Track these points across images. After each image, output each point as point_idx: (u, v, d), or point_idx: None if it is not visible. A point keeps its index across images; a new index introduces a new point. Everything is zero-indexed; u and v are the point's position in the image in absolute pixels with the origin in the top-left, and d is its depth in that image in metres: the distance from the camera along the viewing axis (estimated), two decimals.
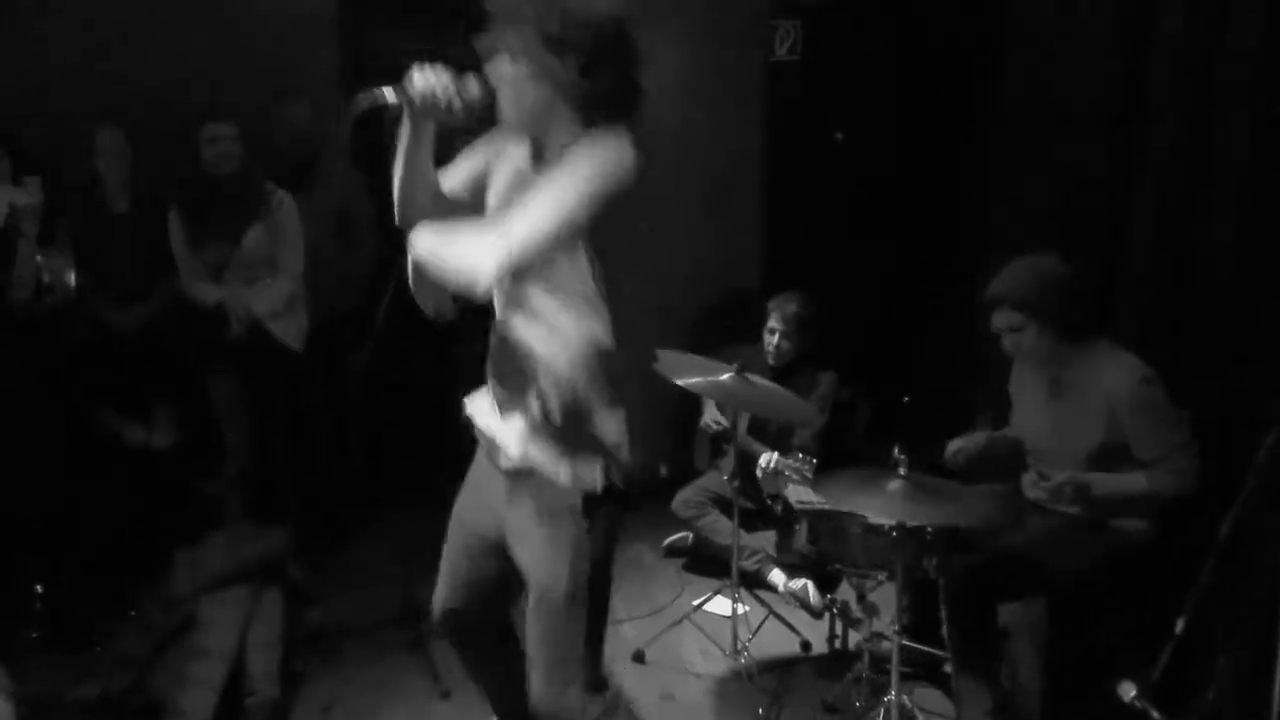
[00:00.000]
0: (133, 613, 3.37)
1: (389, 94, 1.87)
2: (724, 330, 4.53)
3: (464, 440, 5.33)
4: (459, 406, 2.27)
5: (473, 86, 1.87)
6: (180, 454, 3.88)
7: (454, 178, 2.10)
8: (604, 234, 1.91)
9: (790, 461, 3.16)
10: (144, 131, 3.85)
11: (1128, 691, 2.41)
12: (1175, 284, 2.95)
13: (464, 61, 1.94)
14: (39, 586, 3.36)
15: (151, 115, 3.89)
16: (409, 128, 1.95)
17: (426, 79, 1.87)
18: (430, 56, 1.94)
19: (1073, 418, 2.75)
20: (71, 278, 3.54)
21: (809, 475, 3.06)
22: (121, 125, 3.79)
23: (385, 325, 3.47)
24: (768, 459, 3.38)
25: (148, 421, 3.87)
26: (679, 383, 3.11)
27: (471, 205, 2.09)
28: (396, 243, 4.12)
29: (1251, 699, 2.49)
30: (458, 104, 1.87)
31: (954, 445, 2.97)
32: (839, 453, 3.62)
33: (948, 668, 3.01)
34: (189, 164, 3.68)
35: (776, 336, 3.78)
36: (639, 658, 3.37)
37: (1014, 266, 2.77)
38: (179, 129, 3.67)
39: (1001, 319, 2.76)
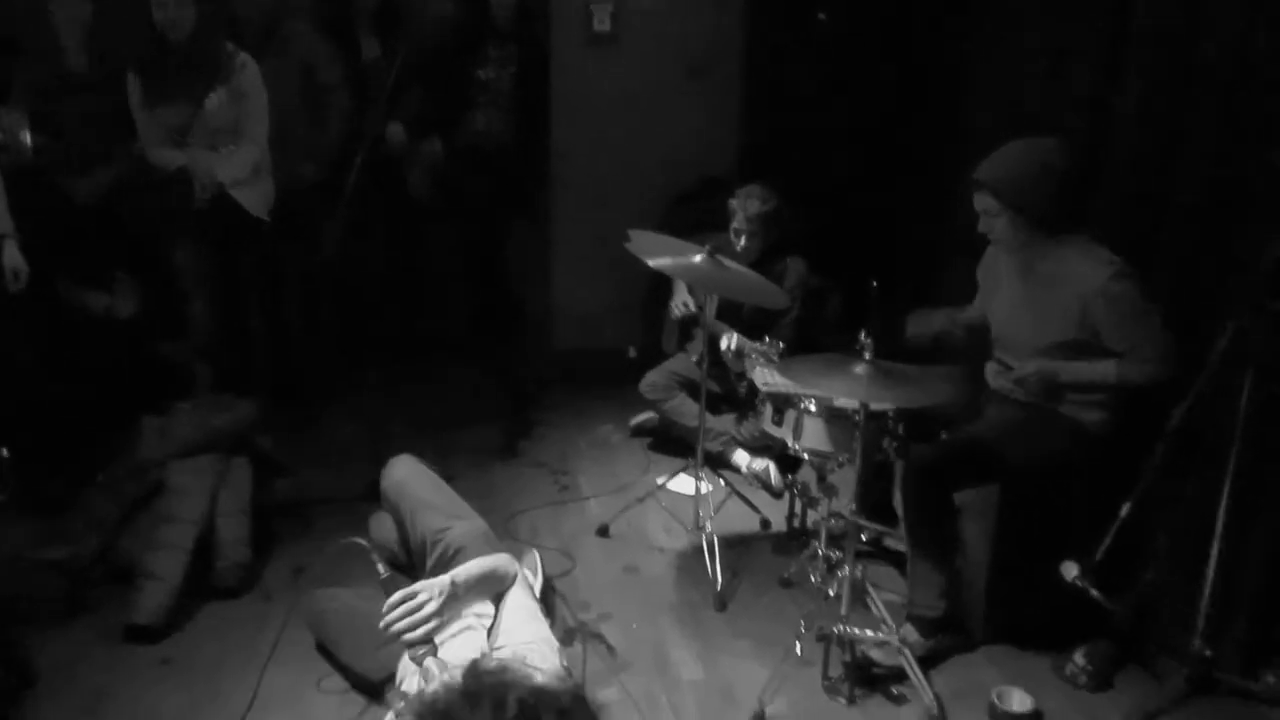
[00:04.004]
0: (101, 477, 3.38)
1: None
2: (698, 214, 4.49)
3: (431, 314, 5.31)
4: (426, 280, 2.27)
5: None
6: (144, 323, 3.84)
7: None
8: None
9: (755, 344, 3.18)
10: None
11: (1070, 571, 2.52)
12: (1158, 170, 2.93)
13: None
14: (5, 450, 3.36)
15: None
16: None
17: None
18: None
19: (1044, 310, 2.76)
20: (27, 137, 3.43)
21: (775, 358, 3.09)
22: None
23: (354, 197, 3.42)
24: (729, 339, 3.41)
25: (110, 290, 3.81)
26: (651, 263, 3.09)
27: None
28: (364, 110, 4.05)
29: (1186, 579, 2.61)
30: None
31: (913, 322, 3.00)
32: (810, 340, 3.65)
33: (901, 546, 3.12)
34: (147, 22, 3.53)
35: (743, 238, 3.74)
36: (603, 532, 3.46)
37: (1004, 151, 2.72)
38: None
39: (980, 202, 2.74)
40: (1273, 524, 2.55)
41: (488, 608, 2.25)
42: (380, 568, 2.06)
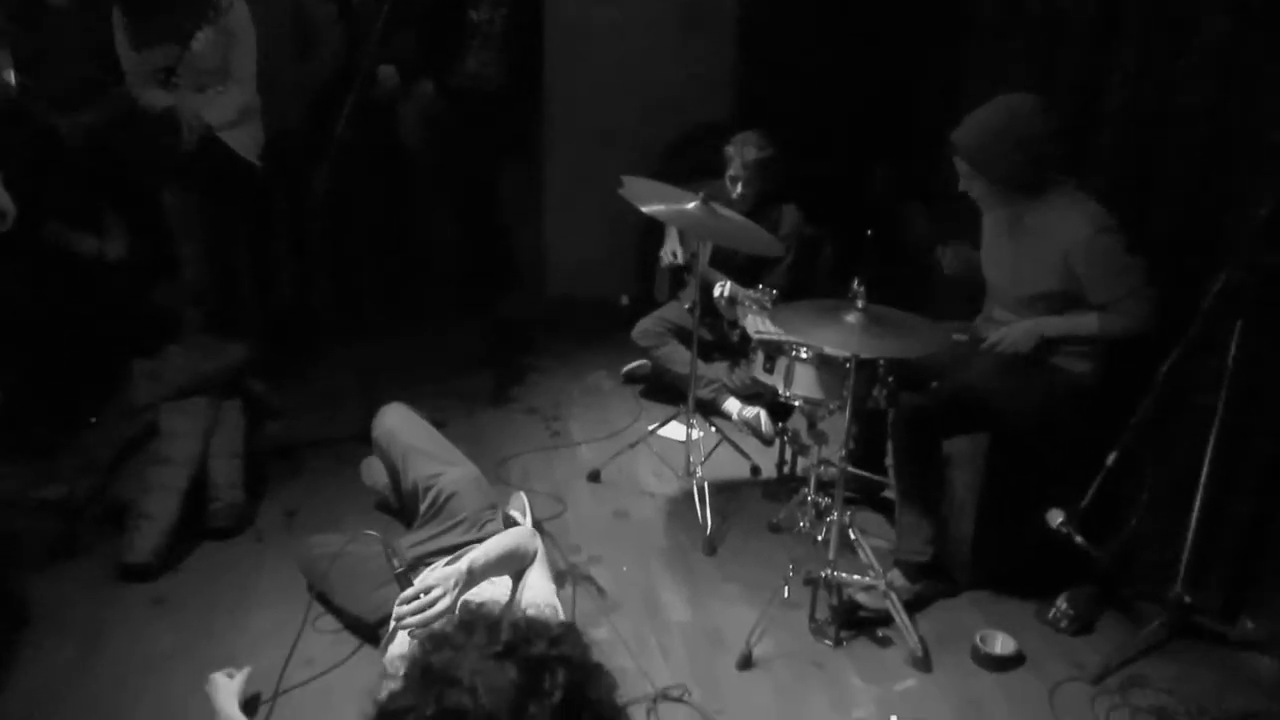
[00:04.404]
0: (94, 420, 3.38)
1: None
2: (693, 161, 4.46)
3: (422, 259, 5.25)
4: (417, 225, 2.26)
5: None
6: (134, 266, 3.81)
7: None
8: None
9: (749, 291, 3.18)
10: None
11: (1055, 518, 2.54)
12: (1150, 125, 2.91)
13: None
14: None
15: None
16: None
17: None
18: None
19: (1029, 262, 2.77)
20: (11, 75, 3.38)
21: (768, 305, 3.09)
22: None
23: (344, 140, 3.37)
24: (722, 286, 3.41)
25: (99, 232, 3.78)
26: (644, 210, 3.07)
27: None
28: (355, 51, 3.98)
29: (1169, 527, 2.65)
30: None
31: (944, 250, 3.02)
32: (803, 288, 3.65)
33: (889, 494, 3.15)
34: None
35: (739, 185, 3.73)
36: (595, 477, 3.48)
37: (977, 114, 2.70)
38: None
39: (958, 165, 2.74)
40: (1256, 474, 2.58)
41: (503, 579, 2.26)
42: (394, 562, 2.06)
